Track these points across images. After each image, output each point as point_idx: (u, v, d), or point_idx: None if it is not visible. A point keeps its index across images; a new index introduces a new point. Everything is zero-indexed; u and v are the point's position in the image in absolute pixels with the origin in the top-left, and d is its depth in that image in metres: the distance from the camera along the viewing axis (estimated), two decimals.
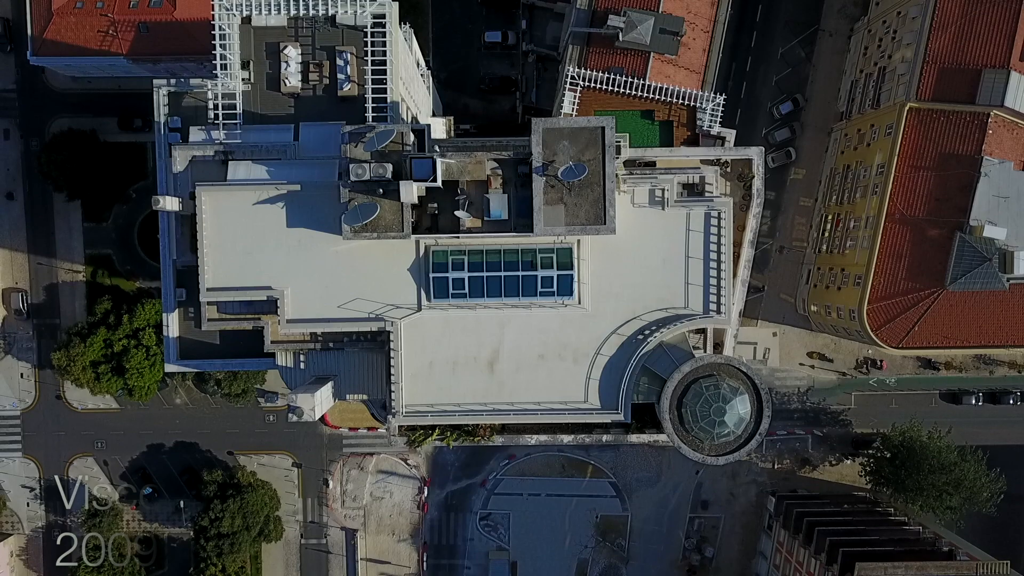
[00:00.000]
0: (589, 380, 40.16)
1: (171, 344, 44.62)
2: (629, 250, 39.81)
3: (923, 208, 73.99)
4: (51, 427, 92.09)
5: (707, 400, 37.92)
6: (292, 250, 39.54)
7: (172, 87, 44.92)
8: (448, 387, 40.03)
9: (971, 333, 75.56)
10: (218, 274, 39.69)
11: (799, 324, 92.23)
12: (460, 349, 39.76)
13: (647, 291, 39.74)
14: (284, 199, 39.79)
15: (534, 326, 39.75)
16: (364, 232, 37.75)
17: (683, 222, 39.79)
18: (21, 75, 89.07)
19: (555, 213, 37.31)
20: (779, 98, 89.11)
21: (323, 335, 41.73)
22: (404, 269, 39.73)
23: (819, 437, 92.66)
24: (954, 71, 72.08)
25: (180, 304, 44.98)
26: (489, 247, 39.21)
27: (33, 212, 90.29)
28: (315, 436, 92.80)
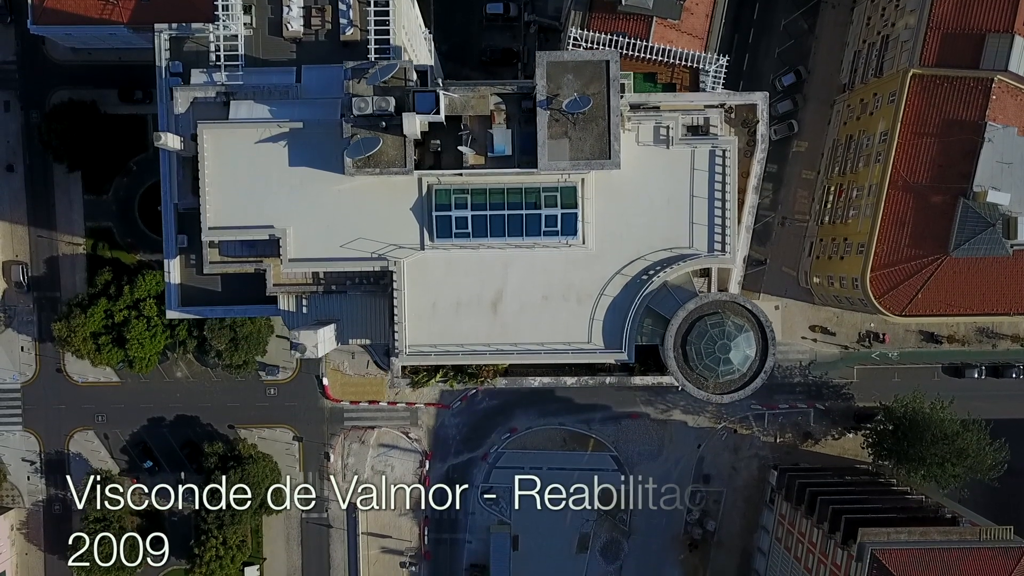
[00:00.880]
0: (593, 321, 39.93)
1: (172, 290, 44.42)
2: (633, 189, 39.55)
3: (926, 175, 73.71)
4: (51, 400, 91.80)
5: (712, 338, 37.70)
6: (294, 189, 39.28)
7: (173, 31, 44.68)
8: (451, 328, 39.80)
9: (974, 301, 75.29)
10: (220, 213, 39.44)
11: (801, 297, 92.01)
12: (463, 290, 39.52)
13: (652, 231, 39.49)
14: (286, 137, 39.54)
15: (538, 267, 39.50)
16: (366, 167, 37.48)
17: (688, 161, 39.54)
18: (21, 46, 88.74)
19: (559, 147, 37.07)
20: (781, 70, 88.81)
21: (325, 277, 41.49)
22: (407, 209, 39.47)
23: (821, 411, 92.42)
24: (958, 36, 71.80)
25: (182, 251, 44.81)
26: (492, 186, 38.95)
27: (33, 184, 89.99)
28: (316, 410, 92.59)
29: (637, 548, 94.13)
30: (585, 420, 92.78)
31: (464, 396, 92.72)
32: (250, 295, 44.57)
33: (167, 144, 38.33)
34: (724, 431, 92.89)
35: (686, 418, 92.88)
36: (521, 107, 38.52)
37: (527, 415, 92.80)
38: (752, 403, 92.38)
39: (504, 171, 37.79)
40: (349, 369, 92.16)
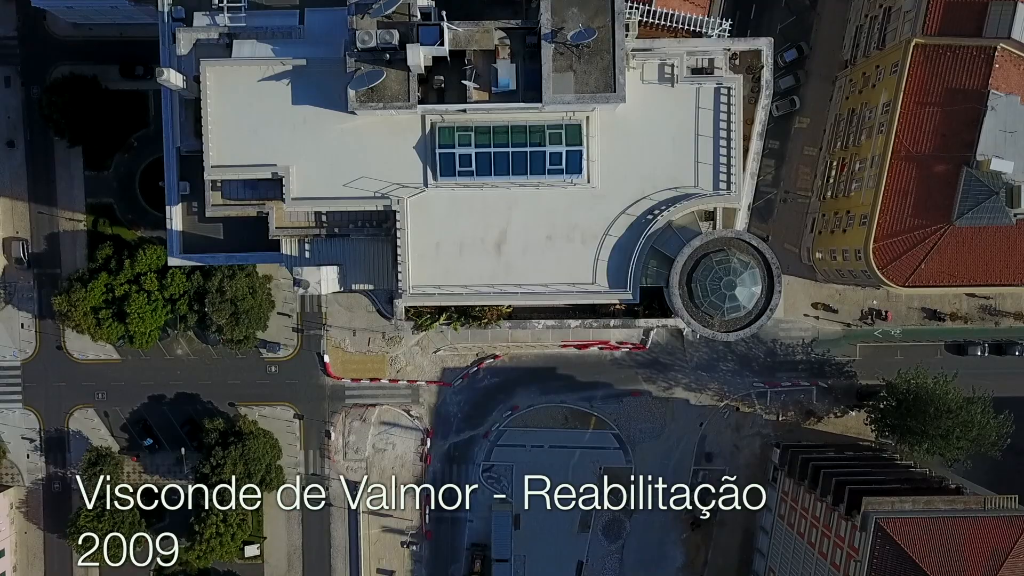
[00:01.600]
0: (597, 261, 39.67)
1: (174, 237, 44.28)
2: (638, 128, 39.35)
3: (929, 144, 73.38)
4: (51, 378, 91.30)
5: (717, 274, 37.44)
6: (298, 128, 39.08)
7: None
8: (455, 268, 39.56)
9: (979, 271, 74.90)
10: (223, 152, 39.25)
11: (804, 274, 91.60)
12: (467, 230, 39.31)
13: (657, 170, 39.28)
14: (289, 75, 39.38)
15: (542, 206, 39.29)
16: (370, 102, 37.27)
17: (693, 99, 39.43)
18: (22, 21, 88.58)
19: (564, 81, 36.90)
20: (783, 46, 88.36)
21: (328, 220, 41.25)
22: (410, 147, 39.27)
23: (824, 389, 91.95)
24: (960, 5, 71.52)
25: (184, 198, 44.63)
26: (497, 124, 38.73)
27: (34, 160, 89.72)
28: (317, 387, 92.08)
29: (639, 527, 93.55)
30: (587, 398, 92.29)
31: (465, 374, 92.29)
32: (252, 241, 44.46)
33: (169, 80, 38.12)
34: (726, 409, 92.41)
35: (688, 396, 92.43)
36: (526, 42, 38.38)
37: (528, 393, 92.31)
38: (754, 381, 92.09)
39: (508, 105, 37.55)
40: (350, 346, 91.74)
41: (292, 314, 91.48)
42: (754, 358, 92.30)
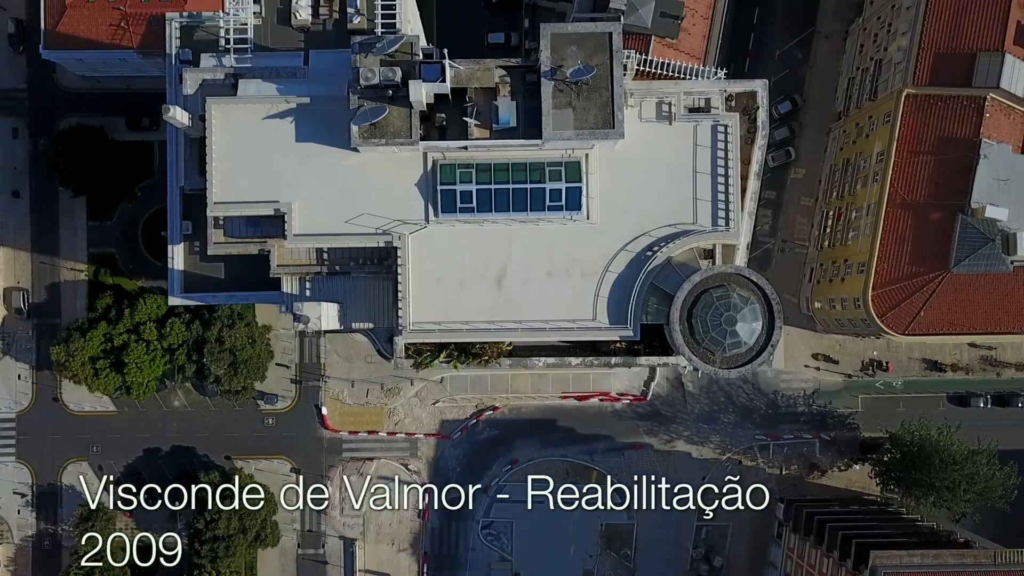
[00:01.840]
0: (598, 298, 39.67)
1: (175, 277, 44.34)
2: (637, 165, 39.84)
3: (924, 192, 74.31)
4: (46, 430, 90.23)
5: (718, 309, 37.43)
6: (301, 164, 39.57)
7: (184, 20, 45.59)
8: (455, 304, 39.55)
9: (978, 318, 74.99)
10: (226, 188, 39.63)
11: (803, 325, 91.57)
12: (468, 265, 39.41)
13: (655, 206, 39.62)
14: (294, 113, 40.03)
15: (542, 242, 39.54)
16: (372, 138, 37.81)
17: (690, 136, 40.00)
18: (32, 74, 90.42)
19: (564, 117, 37.50)
20: (777, 98, 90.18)
21: (329, 258, 41.41)
22: (412, 184, 39.68)
23: (827, 441, 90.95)
24: (950, 56, 73.33)
25: (186, 237, 44.81)
26: (497, 161, 39.21)
27: (39, 210, 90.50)
28: (314, 440, 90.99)
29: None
30: (587, 451, 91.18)
31: (464, 426, 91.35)
32: (253, 281, 44.52)
33: (175, 118, 38.70)
34: (728, 462, 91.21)
35: (690, 448, 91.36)
36: (525, 80, 39.15)
37: (529, 446, 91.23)
38: (756, 433, 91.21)
39: (509, 142, 38.08)
40: (349, 398, 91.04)
41: (291, 365, 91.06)
42: (756, 410, 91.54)
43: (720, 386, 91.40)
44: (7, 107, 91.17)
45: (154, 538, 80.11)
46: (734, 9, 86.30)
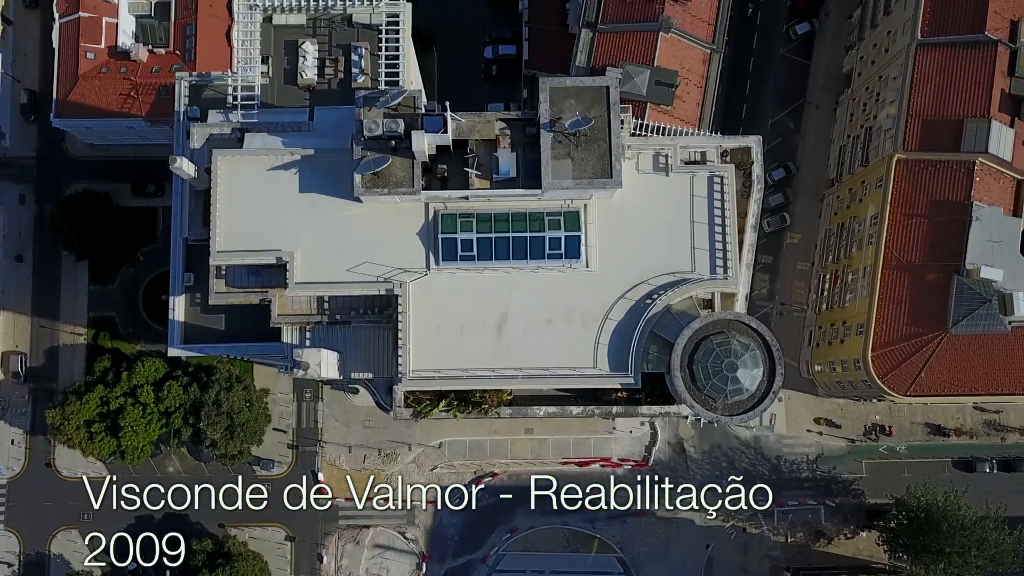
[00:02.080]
0: (598, 345, 39.81)
1: (176, 328, 44.54)
2: (635, 215, 40.58)
3: (919, 254, 75.06)
4: (38, 497, 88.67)
5: (718, 356, 37.53)
6: (304, 214, 40.31)
7: (193, 79, 46.97)
8: (456, 351, 39.64)
9: (979, 379, 74.73)
10: (229, 237, 40.24)
11: (804, 389, 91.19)
12: (468, 312, 39.68)
13: (654, 256, 40.18)
14: (298, 165, 40.93)
15: (542, 289, 39.93)
16: (375, 187, 38.60)
17: (687, 187, 40.84)
18: (41, 143, 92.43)
19: (563, 167, 38.37)
20: (771, 165, 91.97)
21: (329, 307, 41.68)
22: (413, 233, 40.32)
23: (832, 508, 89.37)
24: (937, 122, 75.13)
25: (188, 289, 45.13)
26: (497, 211, 39.95)
27: (41, 274, 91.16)
28: (310, 507, 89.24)
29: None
30: (589, 519, 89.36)
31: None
32: (253, 332, 44.59)
33: (182, 168, 39.54)
34: (732, 529, 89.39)
35: (693, 516, 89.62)
36: (525, 133, 40.14)
37: (529, 514, 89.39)
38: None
39: (509, 192, 38.83)
40: (346, 463, 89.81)
41: (288, 430, 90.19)
42: (758, 475, 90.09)
43: (722, 451, 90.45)
44: (15, 174, 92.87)
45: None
46: (727, 80, 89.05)
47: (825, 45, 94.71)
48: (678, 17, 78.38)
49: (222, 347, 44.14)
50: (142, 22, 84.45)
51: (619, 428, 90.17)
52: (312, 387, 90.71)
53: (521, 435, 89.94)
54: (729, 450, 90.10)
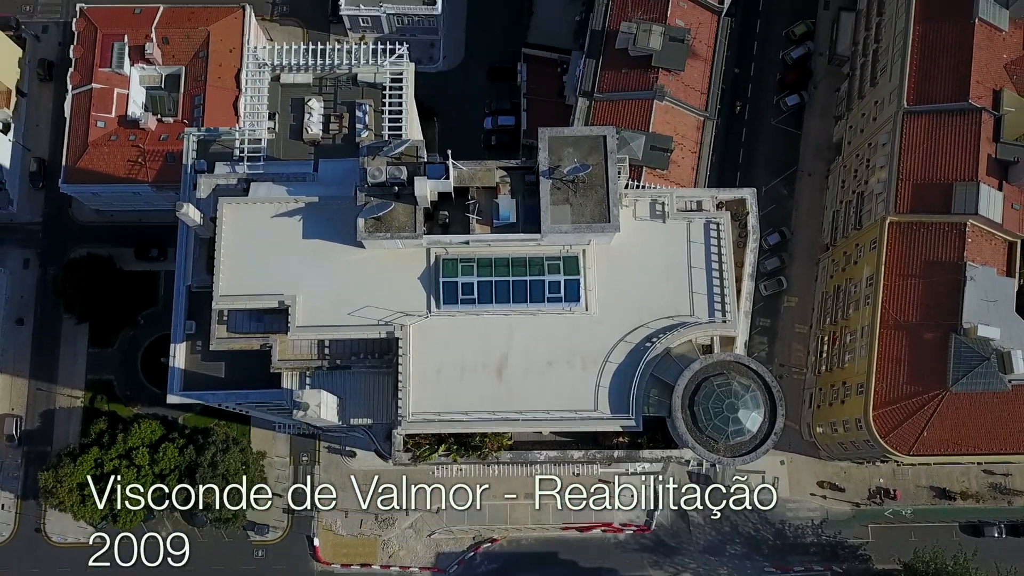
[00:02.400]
0: (599, 388, 40.02)
1: (176, 375, 44.76)
2: (633, 261, 41.38)
3: (915, 313, 75.73)
4: (25, 563, 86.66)
5: (719, 396, 37.76)
6: (306, 259, 41.08)
7: (201, 134, 48.37)
8: (456, 394, 39.80)
9: (981, 438, 74.45)
10: (232, 282, 40.89)
11: (806, 452, 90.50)
12: (468, 355, 40.02)
13: (653, 300, 40.76)
14: (302, 212, 41.89)
15: (542, 332, 40.37)
16: (378, 232, 39.45)
17: (684, 233, 41.77)
18: (48, 209, 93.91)
19: (562, 212, 39.34)
20: (766, 231, 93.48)
21: (330, 351, 42.00)
22: (415, 278, 40.96)
23: (839, 573, 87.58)
24: (927, 186, 76.86)
25: (189, 337, 45.48)
26: (498, 256, 40.71)
27: (41, 338, 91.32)
28: (305, 573, 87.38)
29: None
30: None
31: (461, 559, 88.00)
32: (254, 379, 44.77)
33: (188, 214, 40.45)
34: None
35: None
36: (525, 181, 41.23)
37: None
38: (765, 565, 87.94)
39: (509, 236, 39.72)
40: (342, 528, 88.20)
41: (284, 493, 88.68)
42: (763, 540, 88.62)
43: (725, 515, 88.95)
44: (21, 239, 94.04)
45: None
46: (721, 149, 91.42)
47: (815, 116, 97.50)
48: (672, 86, 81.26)
49: (221, 394, 44.12)
50: (152, 93, 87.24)
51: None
52: (309, 450, 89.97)
53: (521, 500, 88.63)
54: (732, 514, 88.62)
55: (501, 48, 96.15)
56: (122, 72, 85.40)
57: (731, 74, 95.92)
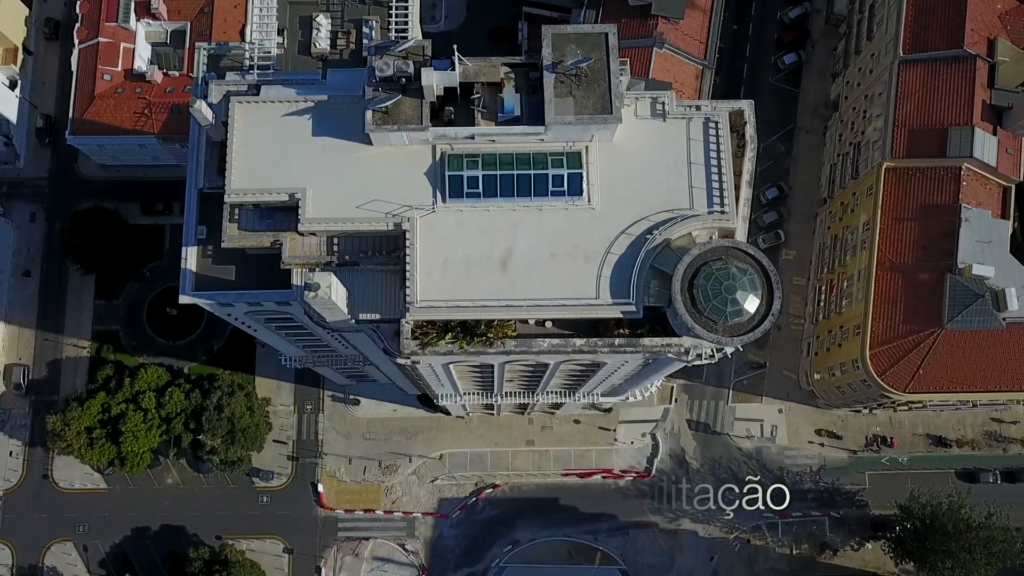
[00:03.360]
0: (600, 278, 41.05)
1: (187, 276, 45.68)
2: (634, 158, 42.40)
3: (911, 255, 76.98)
4: (33, 509, 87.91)
5: (717, 279, 38.87)
6: (316, 157, 42.09)
7: (212, 49, 49.47)
8: (462, 284, 40.83)
9: (976, 376, 75.63)
10: (244, 178, 41.87)
11: (804, 401, 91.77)
12: (473, 248, 41.03)
13: (653, 194, 41.81)
14: (312, 111, 42.90)
15: (546, 227, 41.41)
16: (385, 124, 40.52)
17: (684, 131, 42.75)
18: (54, 164, 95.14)
19: (565, 105, 40.38)
20: (764, 186, 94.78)
21: (339, 248, 42.99)
22: (421, 174, 42.01)
23: (836, 519, 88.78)
24: (923, 132, 78.13)
25: (200, 242, 46.50)
26: (502, 152, 41.79)
27: (47, 289, 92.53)
28: (309, 519, 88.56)
29: None
30: (591, 531, 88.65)
31: (464, 505, 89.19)
32: (263, 280, 45.84)
33: (200, 111, 41.56)
34: (736, 541, 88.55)
35: (696, 527, 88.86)
36: (528, 77, 42.23)
37: (530, 525, 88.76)
38: (763, 511, 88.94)
39: (513, 128, 40.81)
40: (346, 475, 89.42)
41: (288, 441, 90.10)
42: (761, 487, 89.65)
43: (724, 463, 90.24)
44: (28, 194, 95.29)
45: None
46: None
47: (812, 75, 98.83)
48: (671, 34, 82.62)
49: (232, 294, 45.08)
50: (157, 50, 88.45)
51: (621, 439, 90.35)
52: (313, 399, 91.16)
53: (522, 447, 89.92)
54: (731, 461, 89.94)
55: (502, 8, 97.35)
56: (128, 27, 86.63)
57: (730, 32, 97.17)
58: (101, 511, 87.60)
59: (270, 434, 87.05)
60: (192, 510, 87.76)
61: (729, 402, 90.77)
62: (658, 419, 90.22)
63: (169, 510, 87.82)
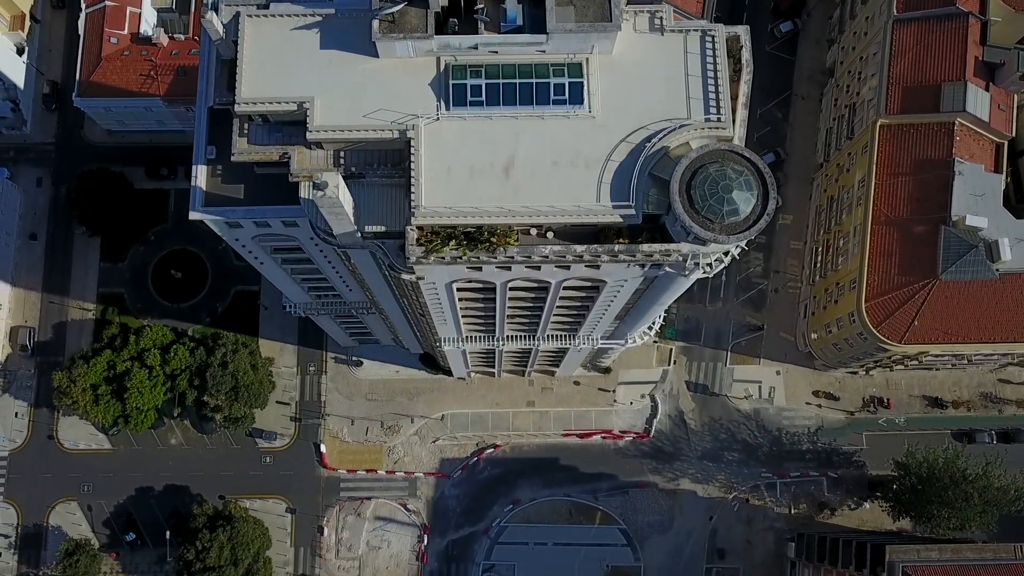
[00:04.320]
0: (601, 184, 42.12)
1: (198, 193, 46.74)
2: (634, 69, 43.55)
3: (906, 209, 78.04)
4: (38, 469, 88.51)
5: (714, 180, 39.97)
6: (324, 68, 43.20)
7: None
8: (465, 191, 41.87)
9: (971, 328, 76.54)
10: (254, 88, 42.95)
11: (802, 363, 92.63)
12: (477, 156, 42.08)
13: (652, 104, 42.93)
14: (319, 25, 44.06)
15: (547, 135, 42.49)
16: (391, 32, 41.66)
17: (681, 44, 43.94)
18: (61, 129, 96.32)
19: (566, 13, 41.64)
20: (761, 152, 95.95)
21: (345, 159, 44.08)
22: (425, 84, 43.10)
23: (834, 479, 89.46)
24: (917, 88, 79.35)
25: (209, 161, 47.59)
26: (505, 63, 42.92)
27: (53, 251, 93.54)
28: (312, 479, 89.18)
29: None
30: (591, 491, 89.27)
31: (465, 465, 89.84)
32: (271, 197, 46.92)
33: (212, 23, 42.68)
34: (735, 501, 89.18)
35: (695, 487, 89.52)
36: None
37: (531, 485, 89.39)
38: (762, 471, 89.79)
39: (516, 37, 41.97)
40: (348, 436, 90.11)
41: (291, 402, 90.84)
42: (760, 447, 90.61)
43: (723, 424, 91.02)
44: (34, 159, 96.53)
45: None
46: None
47: (809, 43, 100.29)
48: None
49: (241, 210, 46.15)
50: (163, 16, 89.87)
51: (620, 400, 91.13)
52: (316, 361, 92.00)
53: (523, 407, 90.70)
54: (730, 423, 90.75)
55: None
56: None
57: (727, 1, 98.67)
58: (105, 471, 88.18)
59: (273, 394, 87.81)
60: (196, 470, 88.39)
61: (727, 364, 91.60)
62: (657, 380, 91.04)
63: (173, 470, 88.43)
